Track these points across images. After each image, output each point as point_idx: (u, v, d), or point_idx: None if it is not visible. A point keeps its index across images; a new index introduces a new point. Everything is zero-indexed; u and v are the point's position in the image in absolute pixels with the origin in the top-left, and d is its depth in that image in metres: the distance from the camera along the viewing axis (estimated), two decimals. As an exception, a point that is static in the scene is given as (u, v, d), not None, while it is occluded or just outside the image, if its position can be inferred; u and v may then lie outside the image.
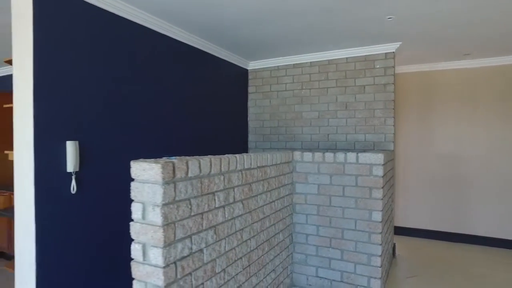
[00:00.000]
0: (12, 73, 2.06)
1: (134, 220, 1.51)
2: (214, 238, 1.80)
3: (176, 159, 1.56)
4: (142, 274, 1.50)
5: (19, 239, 2.04)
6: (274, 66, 4.08)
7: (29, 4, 1.95)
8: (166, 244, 1.45)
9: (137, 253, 1.50)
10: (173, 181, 1.49)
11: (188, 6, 2.51)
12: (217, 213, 1.82)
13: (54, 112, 2.05)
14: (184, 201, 1.56)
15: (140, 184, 1.49)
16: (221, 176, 1.85)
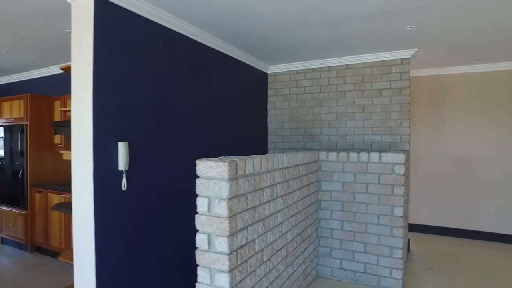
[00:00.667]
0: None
1: (199, 213, 1.70)
2: (263, 229, 1.99)
3: (236, 158, 1.75)
4: (207, 261, 1.69)
5: (78, 232, 2.22)
6: (293, 70, 4.28)
7: (90, 18, 2.13)
8: (230, 234, 1.64)
9: (202, 242, 1.69)
10: (236, 177, 1.69)
11: (226, 17, 2.70)
12: (265, 207, 2.02)
13: (108, 116, 2.23)
14: (242, 195, 1.75)
15: (205, 181, 1.68)
16: (268, 174, 2.04)
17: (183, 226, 3.02)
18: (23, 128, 4.04)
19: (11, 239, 4.28)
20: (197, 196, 1.70)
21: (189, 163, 2.97)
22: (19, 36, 3.30)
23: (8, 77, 5.36)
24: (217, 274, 1.67)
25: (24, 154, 4.03)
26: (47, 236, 3.89)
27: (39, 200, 3.97)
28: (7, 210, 4.30)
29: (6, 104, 4.29)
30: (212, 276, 1.69)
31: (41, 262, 3.82)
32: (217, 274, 1.67)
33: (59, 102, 4.10)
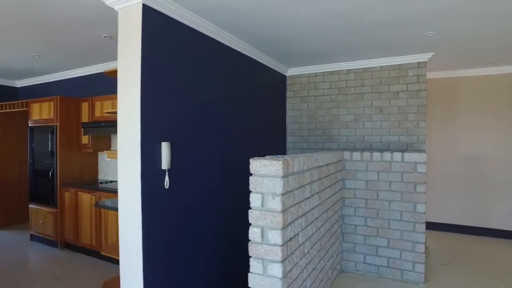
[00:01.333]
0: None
1: (252, 208, 1.85)
2: (305, 224, 2.14)
3: (285, 157, 1.90)
4: (260, 252, 1.84)
5: (125, 228, 2.35)
6: (311, 73, 4.43)
7: (139, 25, 2.27)
8: (283, 227, 1.79)
9: (255, 235, 1.84)
10: (287, 175, 1.84)
11: (257, 24, 2.86)
12: (306, 203, 2.17)
13: (153, 118, 2.37)
14: (291, 192, 1.90)
15: (259, 178, 1.83)
16: (308, 172, 2.19)
17: (220, 221, 3.22)
18: (53, 129, 4.18)
19: (41, 236, 4.42)
20: (250, 192, 1.85)
21: (222, 162, 3.15)
22: (55, 41, 3.44)
23: (34, 79, 5.52)
24: (270, 264, 1.82)
25: (54, 154, 4.18)
26: (77, 233, 4.03)
27: (69, 198, 4.11)
28: (37, 208, 4.44)
29: (36, 106, 4.43)
30: (265, 266, 1.84)
31: (72, 258, 3.96)
32: (270, 264, 1.82)
33: (87, 103, 4.25)
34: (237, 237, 3.56)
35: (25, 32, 3.17)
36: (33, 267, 3.75)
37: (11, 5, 2.54)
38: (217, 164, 3.11)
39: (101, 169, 4.59)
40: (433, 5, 2.49)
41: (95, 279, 3.39)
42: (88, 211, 3.90)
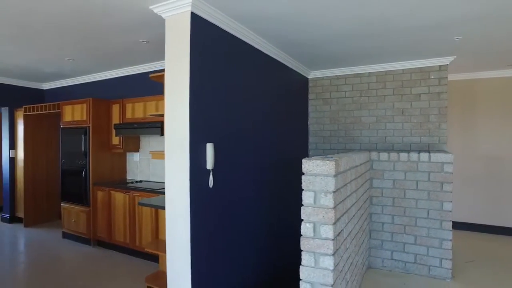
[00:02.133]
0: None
1: (304, 204, 1.98)
2: (347, 220, 2.28)
3: (334, 158, 2.04)
4: (311, 246, 1.97)
5: (173, 225, 2.48)
6: (334, 75, 4.56)
7: (187, 32, 2.40)
8: (334, 222, 1.93)
9: (307, 230, 1.97)
10: (337, 174, 1.97)
11: (289, 29, 3.00)
12: (348, 200, 2.30)
13: (199, 120, 2.50)
14: (339, 189, 2.04)
15: (311, 177, 1.96)
16: (349, 171, 2.33)
17: (259, 217, 3.37)
18: (86, 130, 4.34)
19: (73, 234, 4.58)
20: (303, 190, 1.99)
21: (257, 161, 3.30)
22: (92, 46, 3.59)
23: (60, 81, 5.68)
24: (322, 257, 1.95)
25: (87, 155, 4.33)
26: (110, 231, 4.18)
27: (101, 197, 4.26)
28: (69, 206, 4.60)
29: (68, 108, 4.59)
30: (317, 259, 1.97)
31: (106, 255, 4.11)
32: (321, 257, 1.95)
33: (117, 105, 4.40)
34: (276, 232, 3.72)
35: (66, 38, 3.32)
36: (71, 263, 3.89)
37: (60, 11, 2.67)
38: (253, 164, 3.25)
39: (130, 169, 4.75)
40: (464, 11, 2.61)
41: (132, 274, 3.54)
42: (122, 210, 4.05)
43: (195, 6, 2.39)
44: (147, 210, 3.76)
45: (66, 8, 2.55)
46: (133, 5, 2.50)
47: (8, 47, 3.69)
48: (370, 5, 2.51)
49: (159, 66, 4.32)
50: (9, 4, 2.50)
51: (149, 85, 4.41)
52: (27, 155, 5.38)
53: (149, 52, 3.78)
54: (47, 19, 2.82)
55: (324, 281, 1.94)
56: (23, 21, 2.87)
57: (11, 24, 2.93)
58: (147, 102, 4.07)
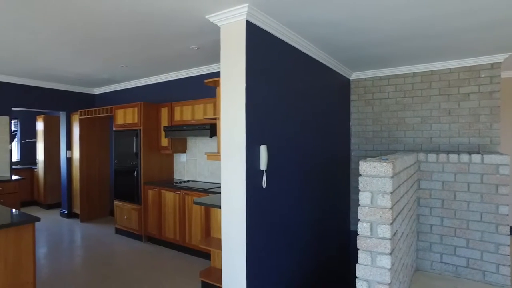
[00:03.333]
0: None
1: (361, 205, 2.03)
2: (401, 220, 2.29)
3: (390, 159, 2.07)
4: (368, 245, 2.01)
5: (229, 224, 2.60)
6: (376, 76, 4.54)
7: (242, 39, 2.52)
8: (391, 222, 1.96)
9: (364, 230, 2.02)
10: (394, 175, 2.00)
11: (338, 33, 3.04)
12: (401, 201, 2.32)
13: (254, 123, 2.61)
14: (395, 190, 2.07)
15: (369, 178, 2.01)
16: (402, 173, 2.35)
17: (309, 216, 3.45)
18: (137, 132, 4.62)
19: (125, 230, 4.88)
20: (359, 191, 2.04)
21: (306, 162, 3.37)
22: (146, 53, 3.82)
23: (109, 86, 6.07)
24: (379, 256, 1.99)
25: (138, 155, 4.60)
26: (161, 228, 4.42)
27: (152, 196, 4.52)
28: (122, 204, 4.91)
29: (120, 111, 4.90)
30: (373, 258, 2.02)
31: (157, 251, 4.35)
32: (378, 256, 1.99)
33: (166, 108, 4.64)
34: (320, 230, 3.78)
35: (126, 47, 3.56)
36: (125, 257, 4.16)
37: (125, 23, 2.90)
38: (300, 164, 3.33)
39: (177, 169, 4.98)
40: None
41: (184, 269, 3.73)
42: (171, 208, 4.27)
43: (250, 15, 2.50)
44: (197, 208, 3.94)
45: (131, 19, 2.77)
46: (191, 15, 2.67)
47: (72, 57, 4.02)
48: (431, 6, 2.50)
49: (206, 70, 4.51)
50: (81, 19, 2.75)
51: (197, 88, 4.62)
52: (82, 155, 5.80)
53: (198, 57, 3.97)
54: (113, 31, 3.06)
55: (381, 279, 1.98)
56: (92, 34, 3.14)
57: (80, 36, 3.21)
58: (195, 105, 4.26)
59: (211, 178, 4.56)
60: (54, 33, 3.16)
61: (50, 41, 3.41)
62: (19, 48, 3.67)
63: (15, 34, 3.18)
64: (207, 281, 3.10)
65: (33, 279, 2.39)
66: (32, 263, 2.38)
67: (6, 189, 4.79)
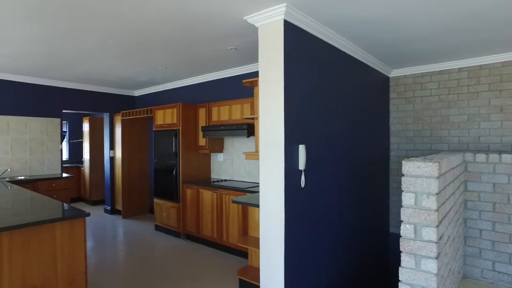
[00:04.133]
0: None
1: (404, 206, 1.96)
2: (447, 223, 2.19)
3: (435, 159, 1.98)
4: (412, 248, 1.94)
5: (267, 222, 2.61)
6: (418, 73, 4.35)
7: (281, 40, 2.52)
8: (437, 225, 1.87)
9: (407, 232, 1.94)
10: (440, 176, 1.91)
11: (377, 31, 2.96)
12: (447, 203, 2.21)
13: (292, 122, 2.61)
14: (441, 192, 1.97)
15: (412, 179, 1.93)
16: (448, 173, 2.23)
17: (348, 217, 3.40)
18: (176, 132, 4.77)
19: (165, 227, 5.07)
20: (402, 191, 1.97)
21: (345, 162, 3.32)
22: (185, 55, 3.94)
23: (149, 88, 6.32)
24: (424, 260, 1.91)
25: (177, 155, 4.76)
26: (199, 226, 4.53)
27: (190, 194, 4.65)
28: (161, 202, 5.10)
29: (160, 112, 5.09)
30: (418, 262, 1.94)
31: (195, 248, 4.48)
32: (423, 260, 1.91)
33: (204, 109, 4.75)
34: (358, 230, 3.70)
35: (167, 50, 3.70)
36: (165, 252, 4.32)
37: (167, 28, 3.00)
38: (338, 164, 3.27)
39: (214, 168, 5.09)
40: None
41: (221, 266, 3.81)
42: (209, 207, 4.37)
43: (288, 14, 2.50)
44: (234, 207, 4.00)
45: (171, 24, 2.87)
46: (230, 17, 2.71)
47: (114, 61, 4.24)
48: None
49: (243, 70, 4.57)
50: (123, 27, 2.89)
51: (234, 89, 4.69)
52: (124, 155, 6.09)
53: (235, 58, 4.03)
54: (153, 36, 3.20)
55: (427, 284, 1.90)
56: (133, 40, 3.30)
57: (123, 42, 3.38)
58: (232, 106, 4.33)
59: (247, 178, 4.61)
60: (98, 41, 3.35)
61: (95, 48, 3.62)
62: (67, 55, 3.93)
63: (64, 42, 3.41)
64: (245, 279, 3.13)
65: (85, 269, 2.56)
66: (83, 254, 2.54)
67: (58, 186, 5.15)
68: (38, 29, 3.04)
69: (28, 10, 2.60)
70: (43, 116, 5.49)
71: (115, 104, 6.48)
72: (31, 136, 5.36)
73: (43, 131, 5.49)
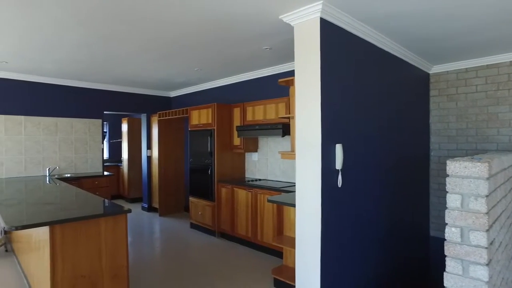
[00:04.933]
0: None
1: (449, 208, 1.86)
2: (498, 228, 2.05)
3: (484, 159, 1.87)
4: (458, 253, 1.84)
5: (303, 223, 2.59)
6: (461, 68, 4.12)
7: (317, 38, 2.49)
8: (487, 229, 1.77)
9: (453, 235, 1.85)
10: (490, 177, 1.80)
11: (417, 25, 2.84)
12: (498, 206, 2.08)
13: (329, 121, 2.57)
14: (491, 194, 1.86)
15: (458, 179, 1.84)
16: (499, 174, 2.10)
17: (387, 218, 3.32)
18: (211, 132, 4.86)
19: (200, 225, 5.18)
20: (447, 192, 1.88)
21: (383, 162, 3.22)
22: (220, 56, 4.00)
23: (184, 89, 6.49)
24: (472, 266, 1.81)
25: (212, 154, 4.85)
26: (233, 225, 4.59)
27: (225, 193, 4.72)
28: (197, 200, 5.22)
29: (195, 112, 5.21)
30: (465, 268, 1.84)
31: (230, 246, 4.54)
32: (471, 266, 1.81)
33: (238, 109, 4.80)
34: (397, 232, 3.58)
35: (203, 52, 3.77)
36: (200, 250, 4.41)
37: (204, 29, 3.06)
38: (375, 163, 3.18)
39: (248, 168, 5.13)
40: None
41: (256, 266, 3.83)
42: (244, 206, 4.41)
43: (324, 12, 2.46)
44: (269, 206, 4.01)
45: (208, 26, 2.92)
46: (265, 16, 2.72)
47: (155, 64, 4.40)
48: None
49: (277, 70, 4.56)
50: (161, 30, 2.99)
51: (268, 88, 4.70)
52: (160, 154, 6.29)
53: (269, 57, 4.03)
54: (190, 39, 3.29)
55: (476, 292, 1.80)
56: (170, 43, 3.41)
57: (160, 46, 3.49)
58: (267, 105, 4.34)
59: (282, 177, 4.60)
60: (139, 45, 3.49)
61: (135, 52, 3.77)
62: (109, 59, 4.12)
63: (106, 47, 3.59)
64: (280, 279, 3.13)
65: (127, 263, 2.67)
66: (125, 249, 2.66)
67: (100, 183, 5.42)
68: (83, 36, 3.21)
69: (76, 18, 2.76)
70: (86, 117, 5.80)
71: (152, 105, 6.71)
72: (76, 137, 5.68)
73: (86, 132, 5.80)
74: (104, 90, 5.99)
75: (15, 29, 3.05)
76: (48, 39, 3.32)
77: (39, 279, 2.69)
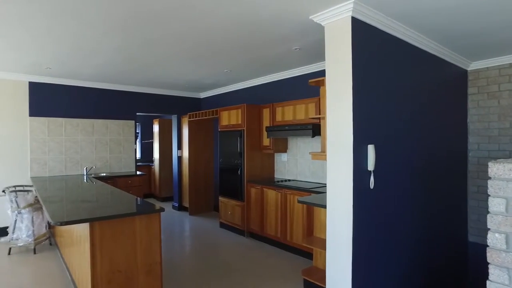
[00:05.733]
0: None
1: (492, 212, 1.76)
2: (546, 235, 1.92)
3: (531, 161, 1.76)
4: (503, 260, 1.74)
5: (334, 224, 2.56)
6: (504, 64, 3.90)
7: (348, 37, 2.45)
8: (535, 236, 1.66)
9: (497, 242, 1.75)
10: (538, 180, 1.69)
11: (454, 22, 2.72)
12: (546, 212, 1.95)
13: (361, 122, 2.51)
14: (540, 198, 1.74)
15: (502, 182, 1.74)
16: (548, 178, 1.96)
17: (419, 221, 3.22)
18: (241, 132, 4.91)
19: (229, 224, 5.25)
20: (489, 196, 1.78)
21: (417, 163, 3.12)
22: (250, 57, 4.03)
23: (213, 90, 6.59)
24: (518, 275, 1.71)
25: (242, 155, 4.89)
26: (262, 225, 4.61)
27: (254, 193, 4.75)
28: (226, 200, 5.29)
29: (225, 113, 5.28)
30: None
31: (259, 246, 4.56)
32: (518, 275, 1.72)
33: (268, 109, 4.82)
34: (430, 235, 3.45)
35: (233, 53, 3.82)
36: (230, 249, 4.47)
37: (236, 31, 3.10)
38: (413, 165, 3.09)
39: (277, 168, 5.14)
40: None
41: (285, 266, 3.84)
42: (273, 206, 4.42)
43: (355, 10, 2.42)
44: (299, 207, 3.99)
45: (240, 28, 2.96)
46: (295, 17, 2.72)
47: (187, 67, 4.52)
48: None
49: (306, 70, 4.54)
50: (192, 33, 3.05)
51: (298, 88, 4.68)
52: (191, 154, 6.43)
53: (299, 58, 4.02)
54: (220, 42, 3.36)
55: (524, 304, 1.70)
56: (201, 46, 3.48)
57: (191, 48, 3.57)
58: (296, 105, 4.32)
59: (312, 178, 4.56)
60: (168, 47, 3.59)
61: (164, 54, 3.88)
62: (142, 62, 4.28)
63: (140, 51, 3.72)
64: (310, 280, 3.10)
65: (160, 260, 2.76)
66: (159, 246, 2.74)
67: (133, 183, 5.62)
68: (119, 41, 3.35)
69: (113, 24, 2.88)
70: (119, 118, 6.03)
71: (182, 106, 6.87)
72: (111, 137, 5.93)
73: (120, 132, 6.03)
74: (136, 92, 6.21)
75: (59, 37, 3.23)
76: (89, 45, 3.49)
77: (80, 271, 2.83)
